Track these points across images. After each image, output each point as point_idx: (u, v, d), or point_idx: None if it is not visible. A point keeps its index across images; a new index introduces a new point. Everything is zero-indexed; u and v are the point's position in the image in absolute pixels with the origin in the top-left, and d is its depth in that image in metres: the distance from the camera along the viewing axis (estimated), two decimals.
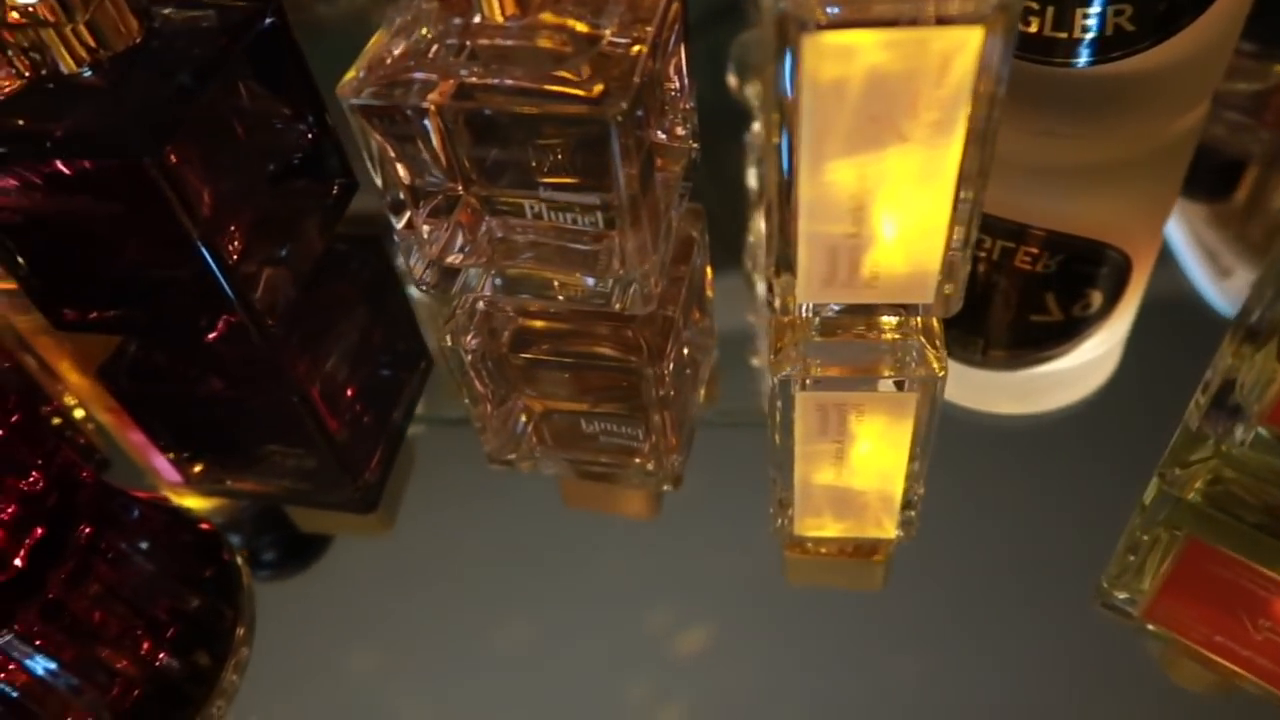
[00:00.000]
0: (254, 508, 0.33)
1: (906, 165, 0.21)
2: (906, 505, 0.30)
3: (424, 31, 0.24)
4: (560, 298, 0.29)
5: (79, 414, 0.36)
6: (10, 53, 0.25)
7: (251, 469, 0.33)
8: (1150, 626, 0.28)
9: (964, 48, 0.19)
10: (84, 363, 0.37)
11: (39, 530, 0.25)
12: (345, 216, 0.34)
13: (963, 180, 0.21)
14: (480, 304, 0.31)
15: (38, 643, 0.25)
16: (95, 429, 0.35)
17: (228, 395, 0.33)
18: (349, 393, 0.33)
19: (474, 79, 0.24)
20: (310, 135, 0.30)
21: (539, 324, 0.31)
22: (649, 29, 0.24)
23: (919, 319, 0.27)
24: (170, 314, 0.29)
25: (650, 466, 0.33)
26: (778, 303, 0.25)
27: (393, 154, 0.25)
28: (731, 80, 0.48)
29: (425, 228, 0.28)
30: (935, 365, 0.26)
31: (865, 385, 0.27)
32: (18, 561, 0.25)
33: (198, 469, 0.34)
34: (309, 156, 0.30)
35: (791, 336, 0.28)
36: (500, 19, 0.24)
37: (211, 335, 0.30)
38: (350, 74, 0.24)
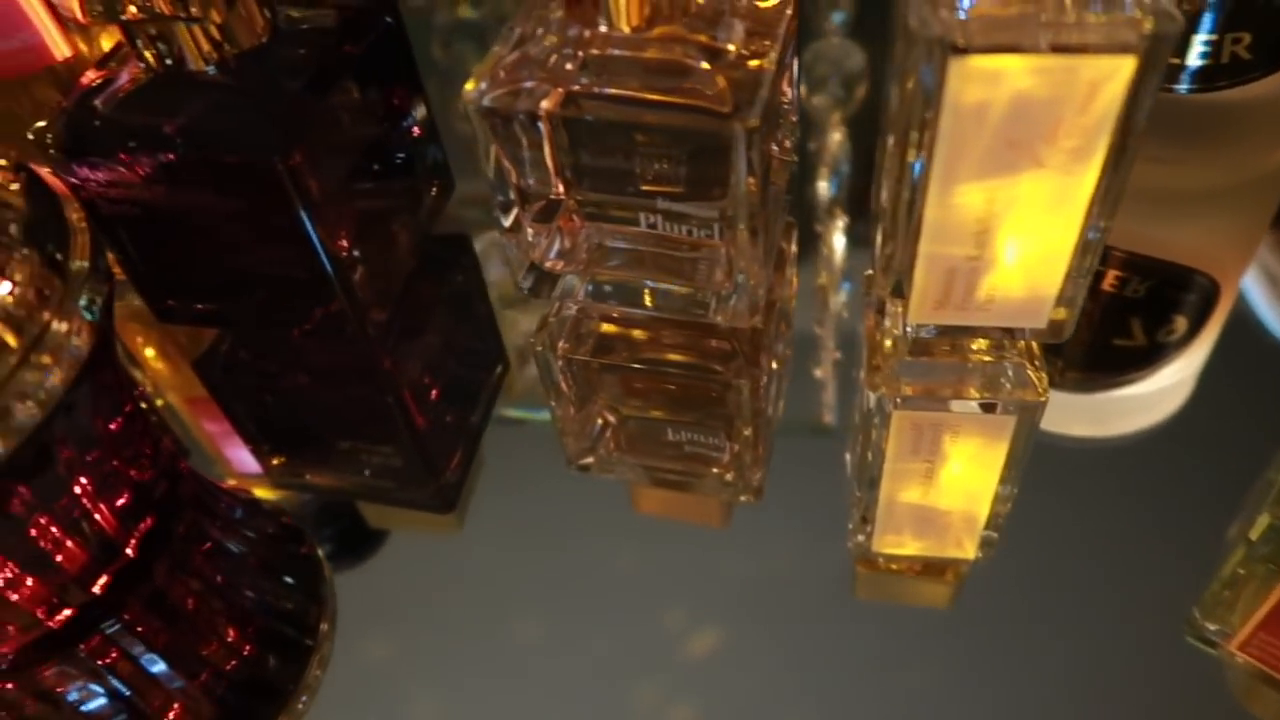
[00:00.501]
0: (321, 501, 0.33)
1: (1039, 191, 0.21)
2: (988, 526, 0.30)
3: (548, 40, 0.25)
4: (656, 306, 0.29)
5: (159, 403, 0.36)
6: (140, 43, 0.25)
7: (332, 464, 0.33)
8: (1240, 659, 0.28)
9: (1114, 77, 0.19)
10: (165, 352, 0.37)
11: (149, 520, 0.25)
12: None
13: (1094, 208, 0.21)
14: (573, 309, 0.31)
15: (141, 630, 0.25)
16: (173, 419, 0.36)
17: (321, 391, 0.33)
18: (433, 392, 0.34)
19: (597, 88, 0.24)
20: (415, 133, 0.30)
21: (631, 331, 0.31)
22: (771, 43, 0.24)
23: (1022, 342, 0.27)
24: (275, 308, 0.30)
25: (729, 477, 0.33)
26: (888, 322, 0.25)
27: (509, 158, 0.25)
28: (801, 90, 0.48)
29: (529, 231, 0.28)
30: (1038, 389, 0.26)
31: (964, 406, 0.27)
32: (129, 550, 0.25)
33: (277, 462, 0.34)
34: (412, 154, 0.31)
35: (889, 354, 0.28)
36: (626, 29, 0.24)
37: (312, 329, 0.30)
38: (472, 83, 0.24)
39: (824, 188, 0.45)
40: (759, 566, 0.31)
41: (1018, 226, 0.22)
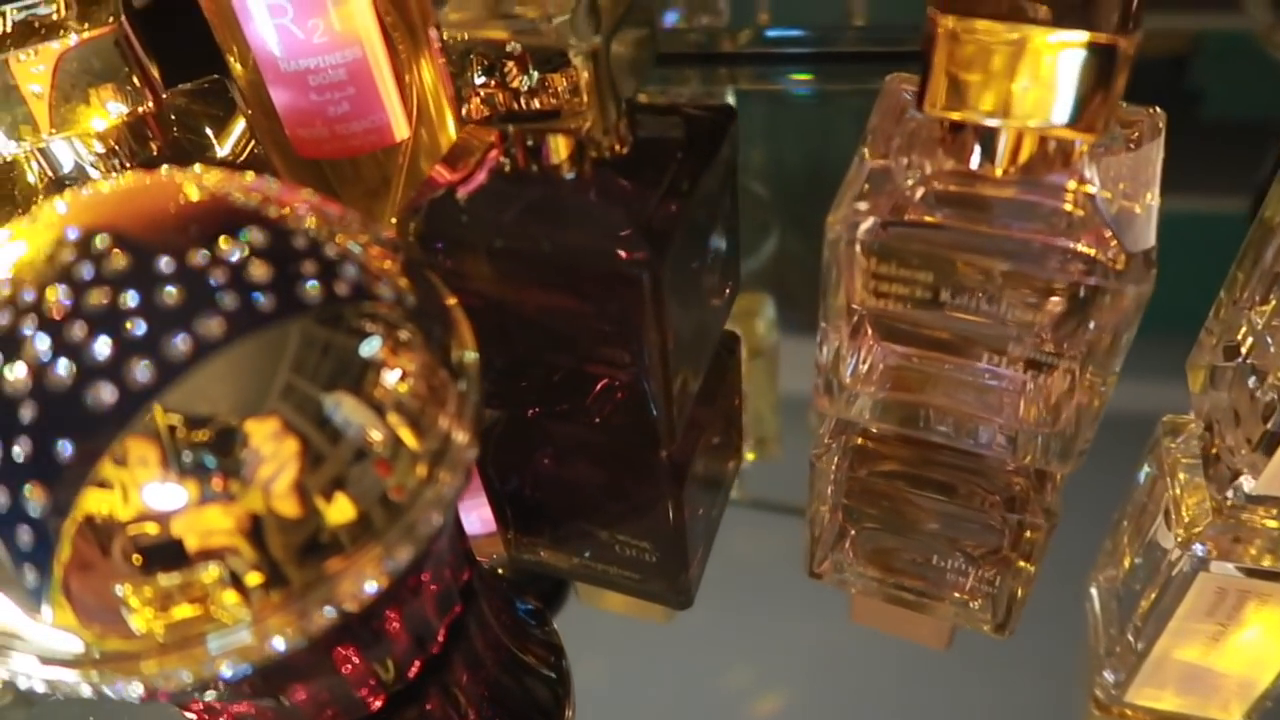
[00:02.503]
0: (548, 580, 0.33)
1: None
2: (1266, 696, 0.29)
3: (919, 169, 0.25)
4: (949, 435, 0.29)
5: None
6: (509, 143, 0.26)
7: (576, 548, 0.33)
8: None
9: None
10: None
11: (458, 607, 0.25)
12: None
13: None
14: (856, 422, 0.30)
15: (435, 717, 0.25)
16: None
17: (594, 478, 0.33)
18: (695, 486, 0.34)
19: (971, 225, 0.24)
20: (727, 234, 0.31)
21: (906, 452, 0.31)
22: (1151, 192, 0.24)
23: None
24: (583, 401, 0.30)
25: (977, 604, 0.32)
26: (1207, 480, 0.25)
27: (851, 279, 0.25)
28: None
29: (841, 347, 0.28)
30: None
31: None
32: (440, 637, 0.25)
33: (519, 538, 0.34)
34: (721, 256, 0.31)
35: (1206, 512, 0.27)
36: (999, 173, 0.24)
37: (612, 420, 0.30)
38: (839, 212, 0.24)
39: None
40: (976, 694, 0.30)
41: None
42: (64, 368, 0.17)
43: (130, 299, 0.18)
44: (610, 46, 0.23)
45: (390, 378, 0.19)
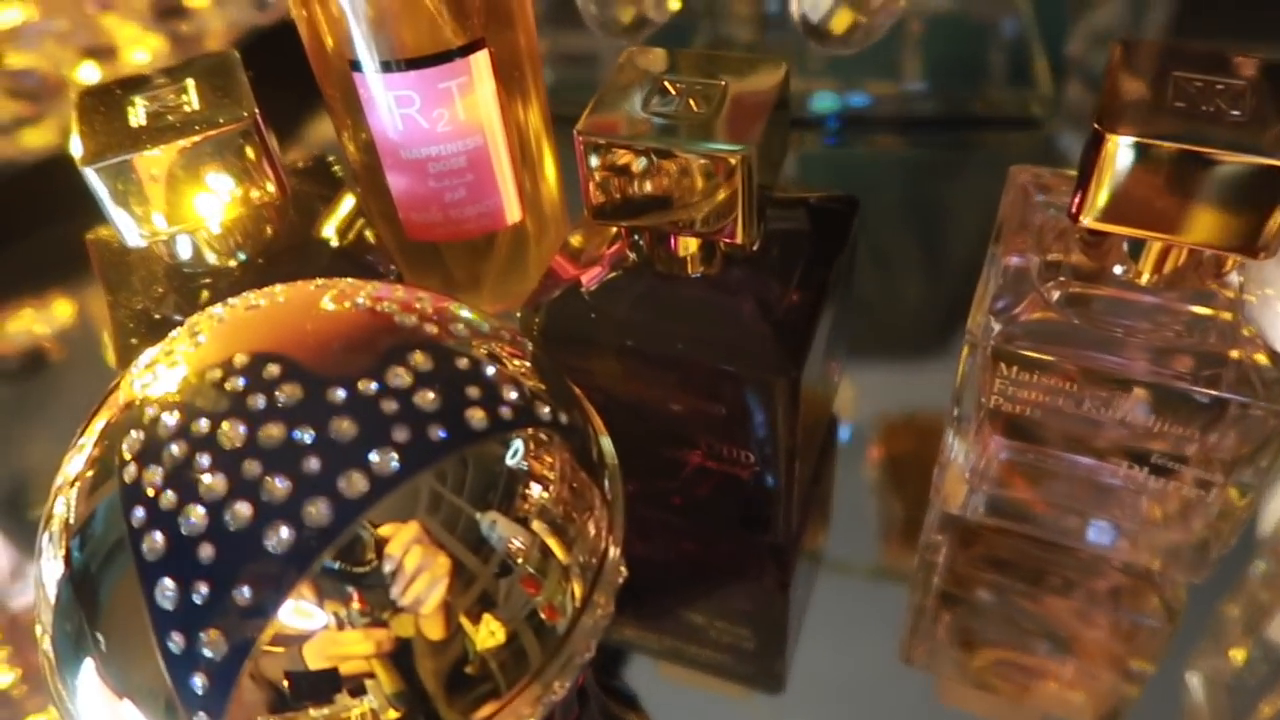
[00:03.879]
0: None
1: None
2: None
3: (1056, 270, 0.24)
4: (1065, 533, 0.29)
5: None
6: (637, 237, 0.25)
7: (667, 630, 0.32)
8: None
9: None
10: None
11: (576, 711, 0.25)
12: None
13: None
14: (967, 515, 0.30)
15: None
16: None
17: (699, 565, 0.32)
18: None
19: (1110, 330, 0.24)
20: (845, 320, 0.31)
21: (1015, 544, 0.30)
22: None
23: None
24: (686, 486, 0.29)
25: (1078, 697, 0.32)
26: None
27: (994, 383, 0.25)
28: None
29: (957, 438, 0.28)
30: None
31: None
32: None
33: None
34: (841, 344, 0.31)
35: None
36: (1143, 281, 0.24)
37: (720, 506, 0.30)
38: (978, 316, 0.24)
39: None
40: None
41: None
42: (242, 507, 0.17)
43: (306, 434, 0.17)
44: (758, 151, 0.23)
45: (536, 488, 0.19)
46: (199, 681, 0.17)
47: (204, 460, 0.17)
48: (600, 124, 0.23)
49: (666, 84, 0.24)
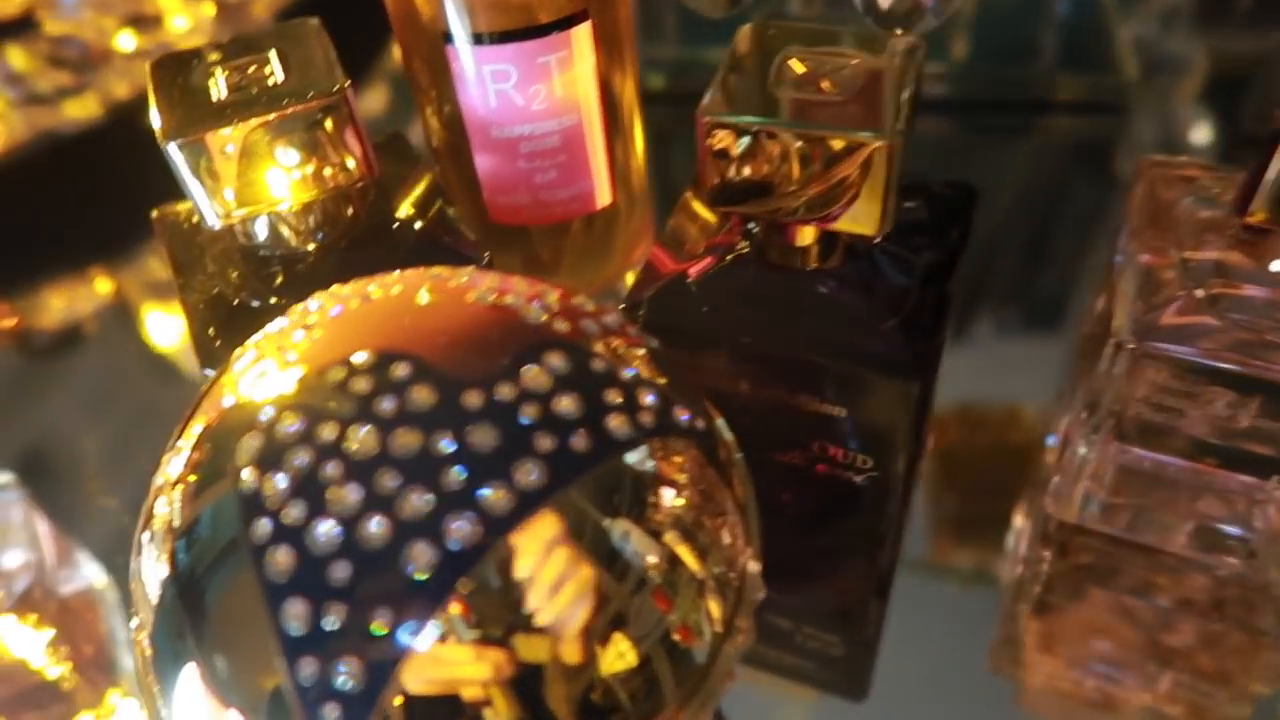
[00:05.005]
0: None
1: None
2: None
3: (1205, 270, 0.23)
4: (1179, 542, 0.27)
5: None
6: (752, 227, 0.24)
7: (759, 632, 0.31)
8: None
9: None
10: None
11: None
12: None
13: None
14: (1084, 521, 0.28)
15: None
16: None
17: (790, 571, 0.31)
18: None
19: (1264, 333, 0.22)
20: None
21: (1117, 551, 0.29)
22: None
23: None
24: (811, 497, 0.28)
25: (1175, 710, 0.30)
26: None
27: (1135, 387, 0.23)
28: None
29: (1077, 443, 0.26)
30: None
31: None
32: None
33: None
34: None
35: None
36: None
37: (826, 516, 0.28)
38: (1120, 320, 0.22)
39: None
40: None
41: None
42: (379, 523, 0.15)
43: (445, 443, 0.16)
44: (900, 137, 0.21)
45: (668, 493, 0.17)
46: (332, 714, 0.15)
47: (332, 469, 0.16)
48: (724, 104, 0.22)
49: (793, 62, 0.22)
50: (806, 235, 0.24)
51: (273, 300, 0.25)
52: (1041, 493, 0.31)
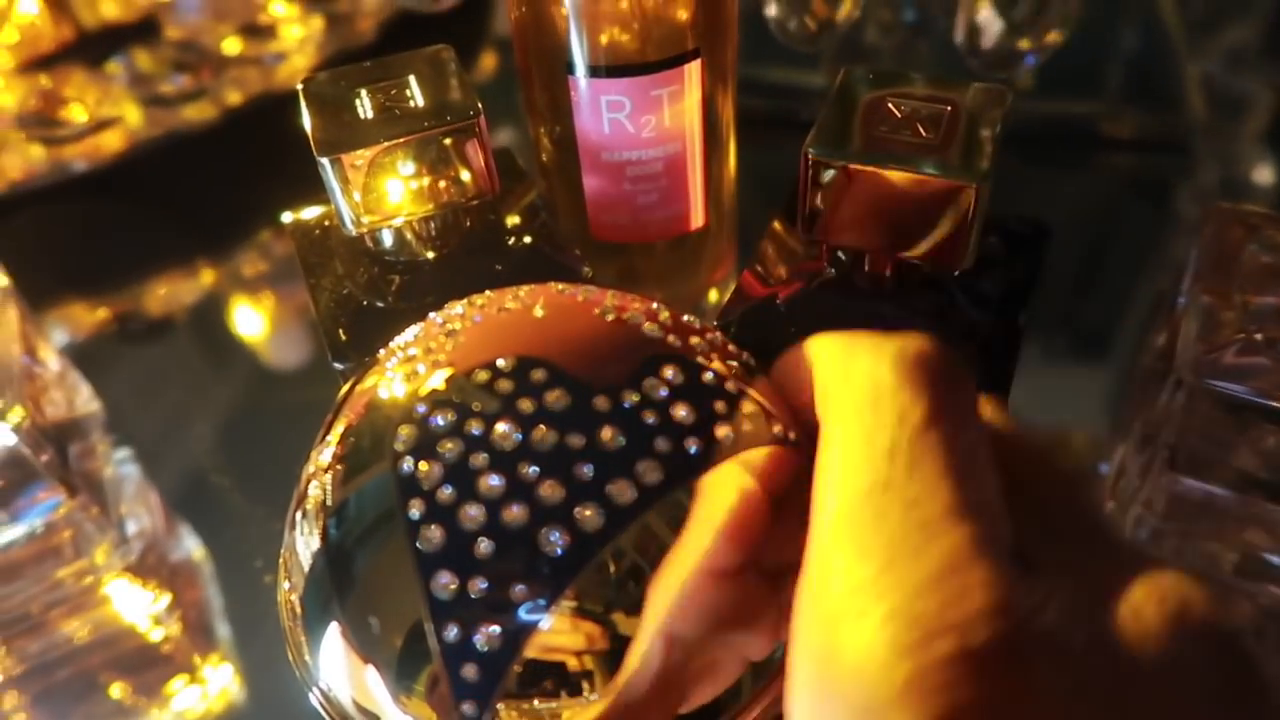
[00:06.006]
0: None
1: None
2: None
3: (1267, 311, 0.24)
4: (1227, 573, 0.28)
5: None
6: (840, 254, 0.26)
7: None
8: None
9: None
10: None
11: None
12: None
13: None
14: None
15: None
16: None
17: None
18: None
19: None
20: None
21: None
22: None
23: None
24: None
25: None
26: None
27: (1192, 421, 0.25)
28: None
29: (1130, 471, 0.28)
30: None
31: None
32: None
33: None
34: None
35: None
36: None
37: None
38: (1183, 357, 0.24)
39: None
40: None
41: None
42: (518, 508, 0.17)
43: (576, 440, 0.18)
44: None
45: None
46: (470, 673, 0.17)
47: (480, 459, 0.18)
48: (825, 142, 0.24)
49: (891, 106, 0.24)
50: (890, 265, 0.26)
51: (391, 302, 0.28)
52: None
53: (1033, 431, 0.20)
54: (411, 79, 0.27)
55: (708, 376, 0.20)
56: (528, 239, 0.29)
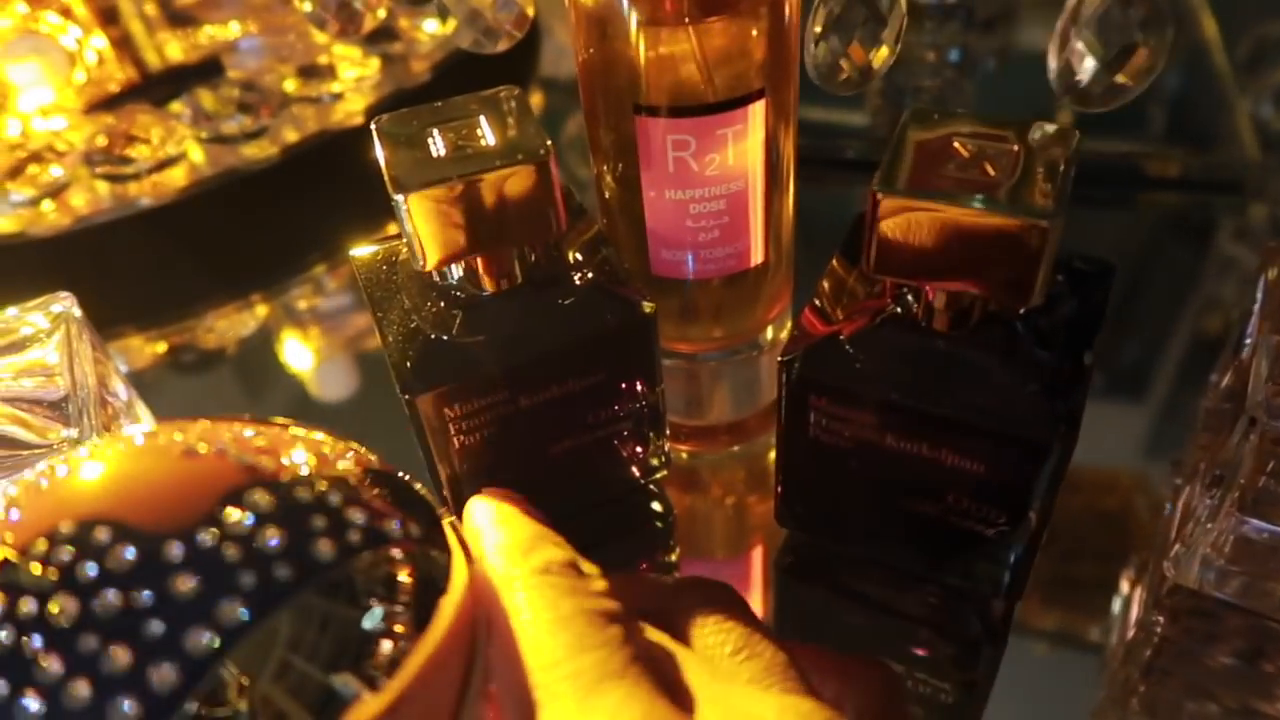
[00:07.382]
0: None
1: None
2: None
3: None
4: None
5: None
6: (905, 291, 0.26)
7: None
8: None
9: None
10: None
11: None
12: None
13: None
14: (1202, 588, 0.30)
15: None
16: None
17: (906, 615, 0.33)
18: None
19: None
20: None
21: (1232, 620, 0.30)
22: None
23: None
24: (936, 548, 0.30)
25: None
26: None
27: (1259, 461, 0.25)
28: None
29: (1199, 511, 0.27)
30: None
31: None
32: None
33: None
34: None
35: None
36: None
37: (947, 563, 0.30)
38: (1254, 398, 0.24)
39: None
40: None
41: None
42: (80, 685, 0.16)
43: (143, 597, 0.16)
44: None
45: (387, 646, 0.18)
46: None
47: (36, 642, 0.16)
48: (893, 181, 0.24)
49: (958, 144, 0.25)
50: (956, 300, 0.26)
51: (455, 335, 0.28)
52: (1155, 557, 0.32)
53: None
54: (482, 118, 0.27)
55: (303, 494, 0.18)
56: (590, 274, 0.30)
